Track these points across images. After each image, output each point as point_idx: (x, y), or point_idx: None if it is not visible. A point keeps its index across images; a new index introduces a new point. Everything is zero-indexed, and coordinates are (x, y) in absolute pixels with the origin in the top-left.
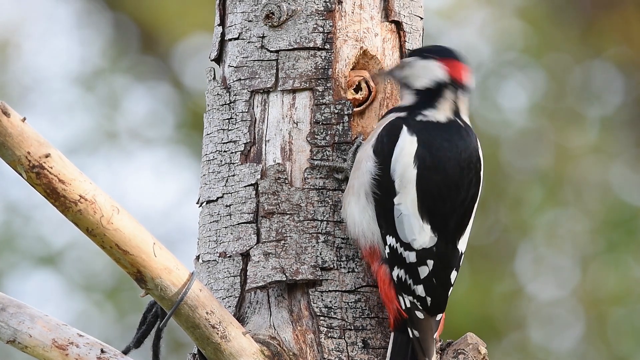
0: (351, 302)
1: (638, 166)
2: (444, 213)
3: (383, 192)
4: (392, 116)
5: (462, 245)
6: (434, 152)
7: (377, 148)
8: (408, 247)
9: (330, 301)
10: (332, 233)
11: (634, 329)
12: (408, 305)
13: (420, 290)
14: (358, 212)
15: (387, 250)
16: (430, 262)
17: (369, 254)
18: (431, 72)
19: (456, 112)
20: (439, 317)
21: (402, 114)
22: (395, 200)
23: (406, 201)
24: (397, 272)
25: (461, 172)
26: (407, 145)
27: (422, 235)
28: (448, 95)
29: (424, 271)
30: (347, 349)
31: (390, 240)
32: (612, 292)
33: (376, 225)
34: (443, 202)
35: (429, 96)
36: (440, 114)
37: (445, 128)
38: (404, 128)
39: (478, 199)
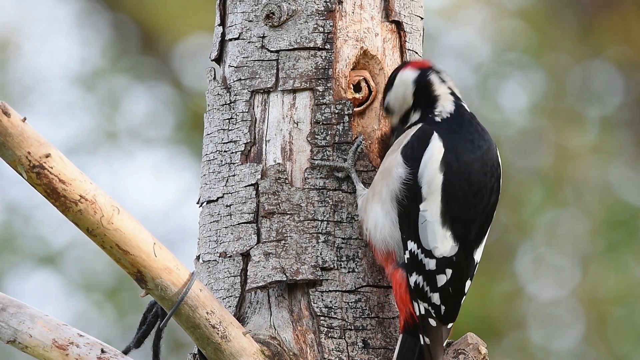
0: (351, 302)
1: (638, 166)
2: (466, 220)
3: (410, 197)
4: (417, 126)
5: (478, 255)
6: (459, 156)
7: (407, 154)
8: (429, 254)
9: (331, 301)
10: (332, 233)
11: (634, 329)
12: (422, 312)
13: (436, 298)
14: (383, 216)
15: (407, 256)
16: (449, 271)
17: (385, 258)
18: (408, 81)
19: (453, 94)
20: (449, 325)
21: (421, 124)
22: (422, 206)
23: (432, 208)
24: (415, 278)
25: (484, 176)
26: (436, 151)
27: (444, 244)
28: (435, 81)
29: (441, 280)
30: (347, 349)
31: (412, 245)
32: (612, 292)
33: (397, 230)
34: (467, 208)
35: (425, 101)
36: (443, 103)
37: (463, 122)
38: (435, 134)
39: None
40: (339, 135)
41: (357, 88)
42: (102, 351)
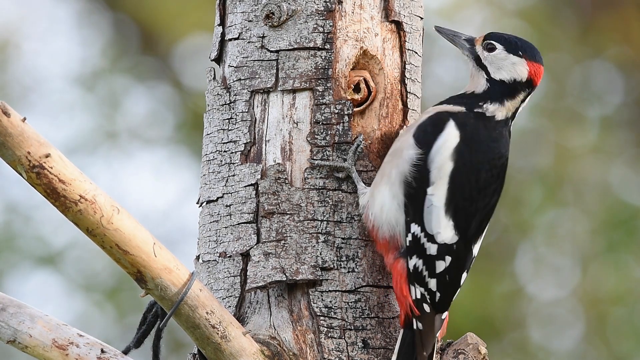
0: (351, 302)
1: (638, 166)
2: (468, 214)
3: (419, 179)
4: (445, 107)
5: (476, 249)
6: (474, 151)
7: (419, 137)
8: (432, 238)
9: (330, 301)
10: (332, 233)
11: (634, 329)
12: (418, 296)
13: (432, 284)
14: (390, 199)
15: (409, 239)
16: (448, 259)
17: (386, 243)
18: (516, 71)
19: (515, 111)
20: (443, 315)
21: (459, 108)
22: (429, 190)
23: (438, 193)
24: (414, 261)
25: (491, 177)
26: (451, 138)
27: (446, 230)
28: (519, 96)
29: (440, 266)
30: (347, 349)
31: (415, 228)
32: (612, 292)
33: (402, 214)
34: (470, 202)
35: (502, 89)
36: (502, 111)
37: (493, 127)
38: (451, 121)
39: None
40: (339, 135)
41: (356, 89)
42: (102, 351)
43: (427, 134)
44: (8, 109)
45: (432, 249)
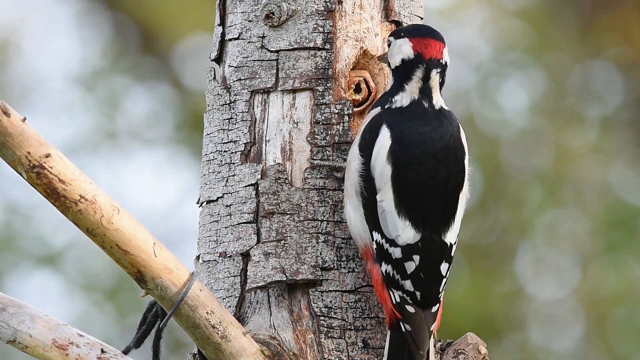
0: (351, 302)
1: (638, 166)
2: (422, 207)
3: (368, 189)
4: (374, 111)
5: (450, 237)
6: (407, 146)
7: (361, 145)
8: (393, 243)
9: (331, 301)
10: (332, 233)
11: (634, 329)
12: (398, 300)
13: (408, 285)
14: (352, 212)
15: (375, 246)
16: (417, 257)
17: (364, 252)
18: (402, 51)
19: (426, 92)
20: (434, 309)
21: (378, 108)
22: (378, 197)
23: (387, 198)
24: (385, 267)
25: (437, 164)
26: (385, 141)
27: (405, 231)
28: (417, 75)
29: (410, 266)
30: (347, 349)
31: (377, 236)
32: (612, 292)
33: (365, 224)
34: (421, 197)
35: (401, 77)
36: (406, 96)
37: (413, 115)
38: (384, 124)
39: (465, 190)
40: (339, 135)
41: (357, 89)
42: (102, 351)
43: (367, 142)
44: (8, 109)
45: (396, 253)
